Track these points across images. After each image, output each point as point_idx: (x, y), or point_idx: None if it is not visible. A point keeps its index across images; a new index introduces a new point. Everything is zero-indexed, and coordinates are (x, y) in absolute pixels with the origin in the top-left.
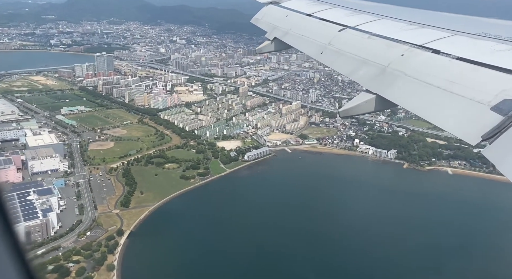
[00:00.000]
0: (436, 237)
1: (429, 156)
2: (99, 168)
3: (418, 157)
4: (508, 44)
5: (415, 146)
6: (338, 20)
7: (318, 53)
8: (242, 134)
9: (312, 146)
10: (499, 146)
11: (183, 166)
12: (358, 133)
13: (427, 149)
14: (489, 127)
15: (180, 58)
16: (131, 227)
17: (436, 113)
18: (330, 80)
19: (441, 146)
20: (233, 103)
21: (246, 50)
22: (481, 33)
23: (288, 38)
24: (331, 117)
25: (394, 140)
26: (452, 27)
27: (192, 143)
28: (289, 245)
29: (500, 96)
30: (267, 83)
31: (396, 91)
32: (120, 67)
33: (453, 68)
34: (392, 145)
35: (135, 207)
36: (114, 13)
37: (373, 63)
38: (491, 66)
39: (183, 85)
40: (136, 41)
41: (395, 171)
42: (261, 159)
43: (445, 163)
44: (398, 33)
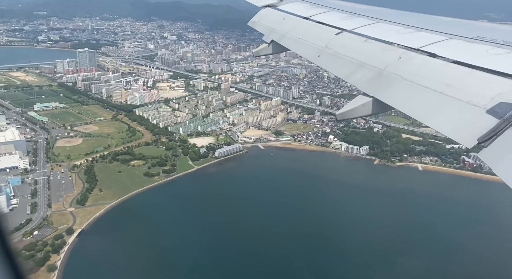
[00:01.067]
0: (386, 234)
1: (401, 152)
2: (62, 165)
3: (390, 153)
4: (503, 48)
5: (388, 142)
6: (335, 23)
7: (315, 56)
8: (217, 131)
9: (286, 142)
10: (495, 148)
11: (149, 163)
12: (333, 130)
13: (400, 145)
14: (485, 130)
15: (166, 54)
16: (83, 226)
17: (433, 116)
18: (316, 77)
19: (414, 142)
20: (213, 100)
21: (236, 47)
22: (477, 36)
23: (285, 41)
24: (310, 113)
25: (368, 136)
26: (448, 31)
27: (164, 140)
28: (249, 242)
29: (496, 99)
30: (252, 80)
31: (392, 94)
32: (104, 63)
33: (449, 72)
34: (365, 141)
35: (91, 205)
36: (108, 9)
37: (370, 66)
38: (487, 70)
39: (165, 82)
40: (126, 37)
41: (365, 167)
42: (231, 156)
43: (416, 159)
44: (395, 36)
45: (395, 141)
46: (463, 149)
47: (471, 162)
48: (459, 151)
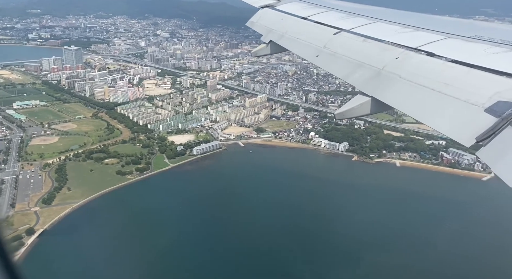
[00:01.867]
0: (351, 229)
1: (380, 148)
2: (34, 164)
3: (369, 149)
4: (501, 46)
5: (368, 138)
6: (333, 23)
7: (314, 56)
8: (199, 128)
9: (266, 139)
10: (493, 147)
11: (123, 161)
12: (315, 127)
13: (379, 141)
14: (483, 129)
15: (156, 51)
16: (46, 226)
17: (431, 115)
18: (305, 73)
19: (394, 138)
20: (197, 97)
21: (228, 44)
22: (475, 36)
23: (284, 41)
24: (294, 110)
25: (348, 133)
26: (446, 30)
27: (142, 138)
28: (219, 240)
29: (494, 98)
30: (241, 77)
31: (391, 93)
32: (92, 61)
33: (447, 71)
34: (345, 138)
35: (58, 204)
36: (102, 7)
37: (368, 66)
38: (485, 69)
39: (152, 79)
40: (118, 35)
41: (342, 163)
42: (209, 153)
43: (395, 155)
44: (393, 36)
45: (375, 137)
46: (442, 144)
47: (449, 157)
48: (438, 146)
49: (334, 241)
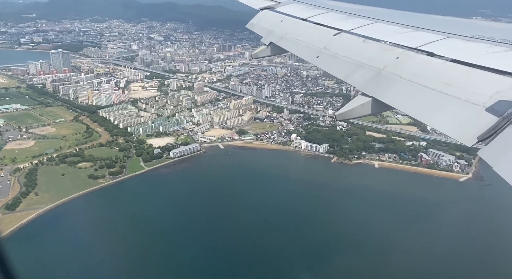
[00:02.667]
0: (322, 231)
1: (360, 150)
2: (4, 169)
3: (349, 151)
4: (501, 46)
5: (348, 139)
6: (333, 24)
7: (314, 57)
8: (180, 130)
9: (248, 142)
10: (495, 146)
11: (97, 165)
12: (297, 128)
13: (359, 143)
14: (484, 128)
15: (147, 54)
16: (5, 233)
17: (432, 115)
18: (295, 75)
19: (375, 139)
20: (183, 99)
21: (221, 46)
22: (475, 35)
23: (284, 42)
24: (279, 112)
25: (329, 134)
26: (446, 30)
27: (120, 141)
28: (181, 249)
29: (494, 97)
30: (230, 79)
31: (391, 94)
32: (81, 64)
33: (447, 71)
34: (326, 139)
35: (22, 209)
36: (98, 11)
37: (368, 66)
38: (485, 68)
39: (140, 82)
40: (112, 38)
41: (320, 165)
42: (187, 156)
43: (375, 156)
44: (393, 36)
45: (355, 138)
46: (423, 145)
47: (427, 158)
48: (418, 147)
49: (301, 241)
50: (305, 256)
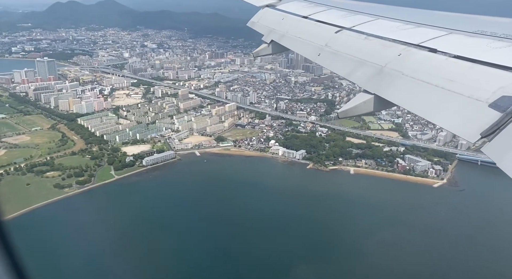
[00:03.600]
0: (282, 238)
1: (336, 156)
2: None
3: (325, 157)
4: (504, 41)
5: (326, 145)
6: (334, 21)
7: (315, 55)
8: (158, 138)
9: (225, 148)
10: (498, 143)
11: (66, 174)
12: (277, 134)
13: (336, 149)
14: (488, 124)
15: (137, 62)
16: None
17: (435, 112)
18: (284, 82)
19: (353, 145)
20: (166, 106)
21: (213, 53)
22: (477, 31)
23: (285, 40)
24: (262, 118)
25: (307, 140)
26: (448, 26)
27: (94, 149)
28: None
29: (498, 93)
30: (217, 86)
31: (394, 91)
32: (68, 72)
33: (450, 67)
34: (304, 145)
35: None
36: (95, 20)
37: (370, 63)
38: (488, 64)
39: (125, 89)
40: (105, 46)
41: (295, 172)
42: (161, 164)
43: (351, 162)
44: (394, 33)
45: (333, 144)
46: (400, 151)
47: (403, 164)
48: (395, 153)
49: (257, 249)
50: (266, 263)
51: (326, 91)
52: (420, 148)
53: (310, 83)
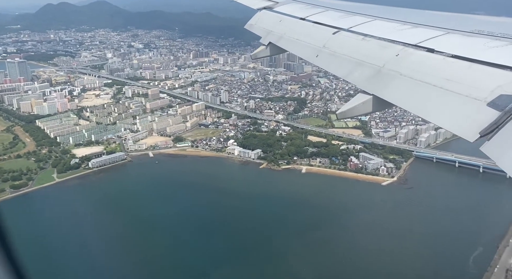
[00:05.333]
0: (211, 238)
1: (292, 155)
2: None
3: (280, 156)
4: (501, 40)
5: (283, 144)
6: (331, 23)
7: (313, 56)
8: (114, 139)
9: (181, 149)
10: (497, 141)
11: (2, 177)
12: (236, 134)
13: (292, 148)
14: (486, 123)
15: (116, 62)
16: None
17: (433, 111)
18: (262, 80)
19: (311, 143)
20: (132, 106)
21: (198, 53)
22: (474, 30)
23: (283, 42)
24: (228, 117)
25: (264, 139)
26: (445, 26)
27: (44, 151)
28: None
29: (496, 92)
30: (193, 85)
31: (392, 91)
32: (43, 73)
33: (448, 66)
34: (261, 145)
35: None
36: (86, 21)
37: (368, 64)
38: (485, 63)
39: (97, 90)
40: (91, 47)
41: (247, 171)
42: (109, 166)
43: (305, 161)
44: (392, 33)
45: (290, 143)
46: (357, 149)
47: (356, 162)
48: (351, 151)
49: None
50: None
51: (302, 89)
52: (378, 145)
53: (288, 81)
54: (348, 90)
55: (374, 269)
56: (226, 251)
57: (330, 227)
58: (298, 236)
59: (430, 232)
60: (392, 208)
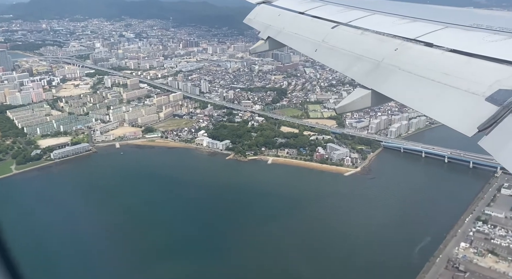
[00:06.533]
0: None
1: (260, 145)
2: None
3: (248, 147)
4: (500, 34)
5: (253, 135)
6: (330, 17)
7: (312, 51)
8: (84, 129)
9: (150, 140)
10: (495, 136)
11: None
12: (208, 125)
13: (261, 138)
14: (485, 118)
15: (102, 52)
16: None
17: (431, 106)
18: (247, 70)
19: (280, 134)
20: (109, 96)
21: (188, 42)
22: (473, 24)
23: (282, 37)
24: (203, 108)
25: (234, 130)
26: (444, 20)
27: (8, 142)
28: None
29: (494, 86)
30: (176, 75)
31: (391, 85)
32: (24, 63)
33: (446, 61)
34: (231, 135)
35: None
36: (80, 10)
37: (367, 58)
38: (484, 57)
39: (77, 80)
40: (80, 37)
41: (212, 162)
42: (72, 157)
43: (273, 152)
44: (391, 27)
45: (259, 134)
46: (326, 139)
47: (322, 153)
48: (319, 142)
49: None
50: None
51: (286, 79)
52: (348, 135)
53: (274, 71)
54: (331, 81)
55: (323, 257)
56: (167, 245)
57: (281, 217)
58: (246, 227)
59: (382, 222)
60: (349, 198)
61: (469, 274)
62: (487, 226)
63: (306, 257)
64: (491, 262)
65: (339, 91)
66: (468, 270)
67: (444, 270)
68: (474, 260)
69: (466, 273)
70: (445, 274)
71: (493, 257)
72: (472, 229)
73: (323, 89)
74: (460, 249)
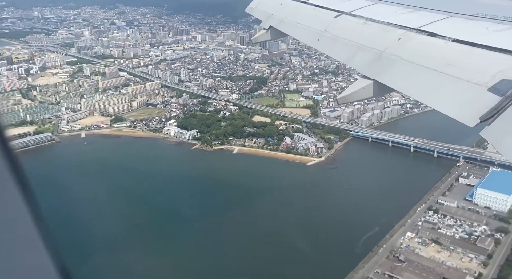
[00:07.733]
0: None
1: (228, 135)
2: None
3: (216, 137)
4: (504, 24)
5: (222, 125)
6: (333, 6)
7: (315, 40)
8: (51, 119)
9: (117, 129)
10: (497, 126)
11: None
12: (179, 114)
13: (230, 128)
14: (487, 108)
15: (88, 40)
16: None
17: (434, 96)
18: (233, 59)
19: (250, 123)
20: (85, 85)
21: (178, 30)
22: (477, 13)
23: (284, 26)
24: (179, 96)
25: (203, 119)
26: (447, 9)
27: None
28: None
29: (497, 76)
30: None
31: (393, 76)
32: (5, 51)
33: (449, 51)
34: (199, 125)
35: None
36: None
37: (369, 48)
38: (487, 47)
39: (57, 68)
40: (70, 25)
41: (177, 152)
42: (33, 147)
43: (240, 142)
44: (394, 17)
45: (228, 123)
46: (295, 128)
47: (288, 142)
48: (287, 131)
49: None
50: None
51: (269, 68)
52: (318, 125)
53: (259, 60)
54: (314, 69)
55: (273, 249)
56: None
57: (230, 207)
58: (194, 218)
59: (331, 214)
60: (304, 189)
61: (406, 264)
62: (437, 215)
63: (253, 248)
64: (433, 251)
65: (320, 80)
66: (407, 260)
67: (385, 259)
68: (416, 250)
69: (404, 263)
70: (385, 264)
71: (436, 246)
72: (421, 219)
73: (305, 78)
74: (405, 238)
